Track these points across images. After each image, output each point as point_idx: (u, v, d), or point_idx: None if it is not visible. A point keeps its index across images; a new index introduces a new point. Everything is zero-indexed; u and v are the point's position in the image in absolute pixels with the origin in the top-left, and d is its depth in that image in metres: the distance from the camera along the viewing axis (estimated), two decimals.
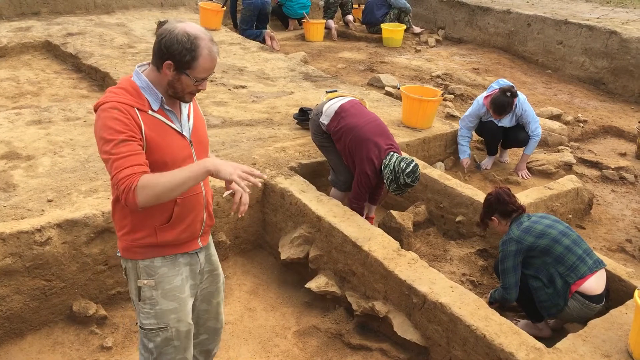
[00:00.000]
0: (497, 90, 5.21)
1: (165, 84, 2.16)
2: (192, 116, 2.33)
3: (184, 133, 2.26)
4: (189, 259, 2.41)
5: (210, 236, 2.59)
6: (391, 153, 3.99)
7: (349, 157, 4.14)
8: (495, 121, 5.37)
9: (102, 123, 2.05)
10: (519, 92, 5.28)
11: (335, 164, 4.35)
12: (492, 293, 3.64)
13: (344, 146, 4.11)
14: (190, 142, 2.28)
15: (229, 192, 2.44)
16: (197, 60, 2.09)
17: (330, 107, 4.25)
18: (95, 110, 2.12)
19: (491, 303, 3.59)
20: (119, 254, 2.38)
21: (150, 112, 2.15)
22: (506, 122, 5.39)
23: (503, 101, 5.10)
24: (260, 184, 2.16)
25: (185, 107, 2.31)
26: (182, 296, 2.39)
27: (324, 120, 4.22)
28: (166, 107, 2.20)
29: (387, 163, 3.93)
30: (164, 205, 2.17)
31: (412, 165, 3.87)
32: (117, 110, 2.05)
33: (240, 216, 2.28)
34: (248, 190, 2.20)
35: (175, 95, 2.19)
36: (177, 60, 2.09)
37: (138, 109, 2.11)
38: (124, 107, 2.07)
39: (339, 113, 4.18)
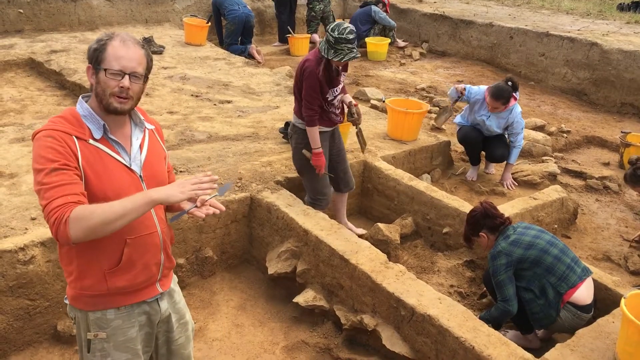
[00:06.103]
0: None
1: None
2: (145, 148, 2.10)
3: (132, 167, 2.04)
4: (147, 309, 2.19)
5: (175, 281, 2.37)
6: None
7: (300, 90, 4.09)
8: (485, 119, 5.38)
9: (35, 153, 1.91)
10: (517, 105, 5.34)
11: (319, 182, 4.30)
12: (485, 315, 3.46)
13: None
14: (141, 176, 2.06)
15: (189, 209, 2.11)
16: (106, 50, 1.94)
17: None
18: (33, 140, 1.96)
19: (498, 326, 3.43)
20: (66, 302, 2.15)
21: (91, 141, 1.96)
22: (494, 123, 5.40)
23: (502, 87, 5.21)
24: (216, 184, 1.95)
25: (137, 139, 2.09)
26: (137, 347, 2.18)
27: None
28: (110, 136, 2.01)
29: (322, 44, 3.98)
30: (111, 246, 1.98)
31: (335, 23, 3.95)
32: (52, 138, 1.89)
33: (216, 212, 2.10)
34: (215, 210, 2.01)
35: (102, 104, 1.96)
36: (90, 58, 1.96)
37: (77, 137, 1.93)
38: (59, 135, 1.90)
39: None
